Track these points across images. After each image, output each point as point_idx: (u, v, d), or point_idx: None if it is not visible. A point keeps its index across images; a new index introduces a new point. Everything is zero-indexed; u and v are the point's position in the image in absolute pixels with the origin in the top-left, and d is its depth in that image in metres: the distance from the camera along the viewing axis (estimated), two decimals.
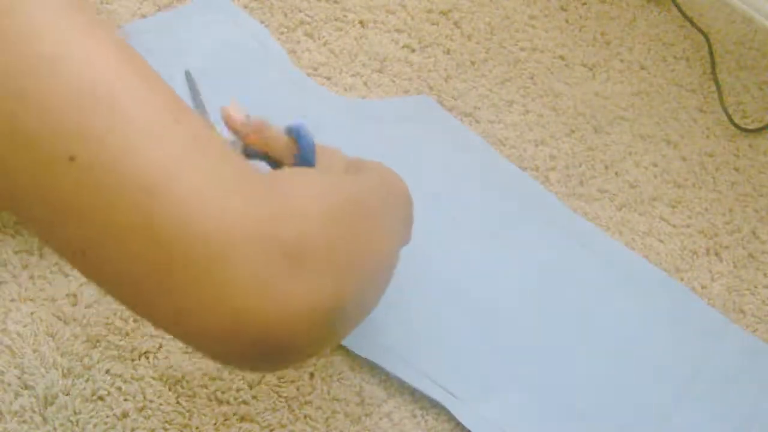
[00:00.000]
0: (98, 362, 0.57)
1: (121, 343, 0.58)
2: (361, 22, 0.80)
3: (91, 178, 0.29)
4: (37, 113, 0.28)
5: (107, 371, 0.57)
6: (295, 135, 0.51)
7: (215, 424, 0.57)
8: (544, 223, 0.72)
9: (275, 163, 0.53)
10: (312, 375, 0.60)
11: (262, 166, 0.53)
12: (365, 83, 0.77)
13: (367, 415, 0.60)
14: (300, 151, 0.51)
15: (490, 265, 0.68)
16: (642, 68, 0.86)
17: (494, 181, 0.73)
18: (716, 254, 0.75)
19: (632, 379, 0.65)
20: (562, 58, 0.84)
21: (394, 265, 0.44)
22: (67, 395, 0.55)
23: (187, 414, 0.57)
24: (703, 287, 0.72)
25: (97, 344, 0.58)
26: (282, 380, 0.59)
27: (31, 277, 0.59)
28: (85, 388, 0.56)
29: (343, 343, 0.61)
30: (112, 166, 0.29)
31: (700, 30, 0.89)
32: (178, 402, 0.57)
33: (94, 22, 0.31)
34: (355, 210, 0.38)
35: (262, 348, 0.31)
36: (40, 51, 0.29)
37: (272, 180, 0.34)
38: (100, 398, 0.56)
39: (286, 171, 0.43)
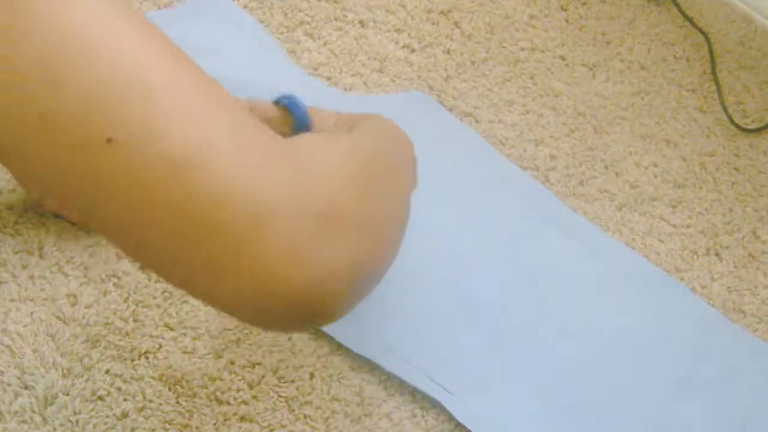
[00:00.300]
0: (98, 362, 0.57)
1: (121, 343, 0.58)
2: (361, 22, 0.80)
3: (128, 159, 0.29)
4: (74, 99, 0.29)
5: (107, 371, 0.57)
6: (288, 105, 0.52)
7: (215, 424, 0.57)
8: (541, 218, 0.72)
9: None
10: (312, 375, 0.60)
11: None
12: (365, 83, 0.77)
13: (367, 415, 0.60)
14: (295, 120, 0.52)
15: (486, 260, 0.68)
16: (642, 68, 0.86)
17: (490, 176, 0.73)
18: (716, 254, 0.75)
19: (629, 375, 0.65)
20: (562, 58, 0.84)
21: (408, 215, 0.45)
22: (67, 395, 0.55)
23: (187, 414, 0.57)
24: (703, 287, 0.72)
25: (97, 344, 0.58)
26: (282, 380, 0.59)
27: (31, 277, 0.59)
28: (85, 388, 0.56)
29: (341, 340, 0.61)
30: (148, 146, 0.29)
31: (700, 30, 0.89)
32: (178, 402, 0.57)
33: (125, 9, 0.32)
34: (372, 170, 0.39)
35: (298, 310, 0.32)
36: (75, 39, 0.29)
37: (295, 148, 0.36)
38: (100, 398, 0.56)
39: (304, 138, 0.44)
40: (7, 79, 0.29)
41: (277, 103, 0.53)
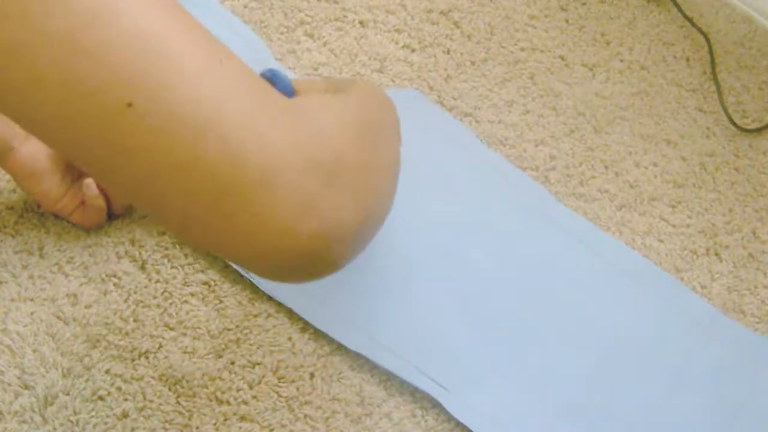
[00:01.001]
0: (98, 362, 0.57)
1: (121, 343, 0.58)
2: (361, 22, 0.80)
3: (147, 122, 0.31)
4: (94, 65, 0.30)
5: (107, 371, 0.57)
6: (270, 78, 0.52)
7: (215, 424, 0.57)
8: (534, 214, 0.72)
9: None
10: (312, 375, 0.60)
11: None
12: None
13: (367, 415, 0.60)
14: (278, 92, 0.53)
15: (480, 257, 0.68)
16: (642, 68, 0.86)
17: (482, 171, 0.73)
18: (716, 254, 0.75)
19: (623, 370, 0.65)
20: (562, 58, 0.84)
21: (399, 169, 0.47)
22: (67, 395, 0.55)
23: (187, 414, 0.57)
24: (703, 287, 0.72)
25: (97, 344, 0.58)
26: (282, 380, 0.59)
27: (31, 277, 0.59)
28: (85, 388, 0.56)
29: (336, 337, 0.61)
30: (167, 108, 0.31)
31: (700, 30, 0.89)
32: (178, 402, 0.57)
33: None
34: (367, 124, 0.41)
35: (308, 260, 0.35)
36: (93, 7, 0.30)
37: (298, 107, 0.37)
38: (100, 398, 0.56)
39: (302, 99, 0.47)
40: (29, 49, 0.30)
41: (261, 76, 0.54)
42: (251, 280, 0.61)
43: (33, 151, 0.57)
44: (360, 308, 0.63)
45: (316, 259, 0.35)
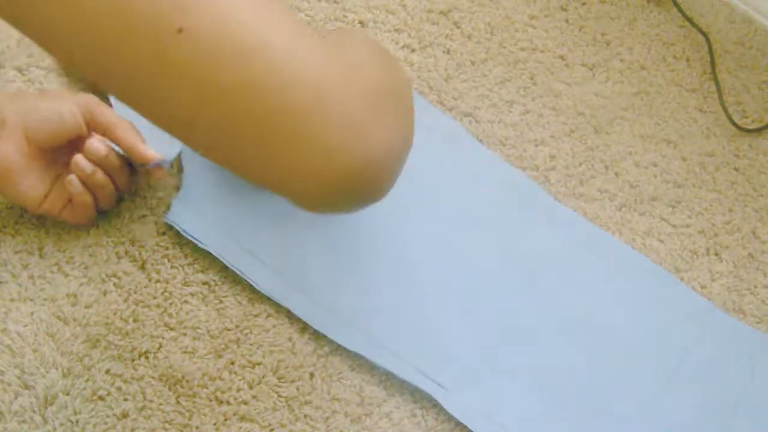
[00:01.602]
0: (98, 362, 0.57)
1: (121, 343, 0.58)
2: (361, 22, 0.80)
3: (198, 47, 0.32)
4: None
5: (107, 371, 0.57)
6: None
7: (215, 424, 0.57)
8: (525, 208, 0.72)
9: None
10: (312, 375, 0.60)
11: None
12: None
13: (367, 415, 0.60)
14: None
15: (473, 253, 0.68)
16: (642, 68, 0.86)
17: (475, 168, 0.73)
18: (716, 254, 0.75)
19: (618, 364, 0.66)
20: (562, 58, 0.84)
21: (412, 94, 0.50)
22: (67, 395, 0.55)
23: (187, 414, 0.57)
24: (703, 287, 0.72)
25: (97, 344, 0.58)
26: (282, 380, 0.59)
27: (31, 277, 0.59)
28: (85, 388, 0.56)
29: (332, 337, 0.61)
30: (217, 34, 0.32)
31: (700, 30, 0.89)
32: (178, 402, 0.57)
33: None
34: (388, 57, 0.43)
35: (356, 184, 0.36)
36: None
37: (335, 41, 0.39)
38: (100, 398, 0.56)
39: (335, 36, 0.48)
40: None
41: None
42: (249, 281, 0.61)
43: (4, 149, 0.55)
44: (357, 307, 0.63)
45: (363, 183, 0.36)
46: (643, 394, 0.65)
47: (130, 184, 0.62)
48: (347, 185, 0.36)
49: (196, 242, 0.61)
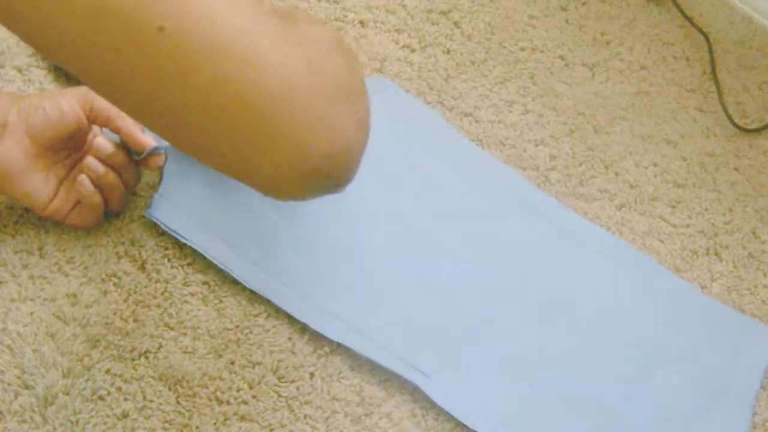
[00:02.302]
0: (98, 362, 0.57)
1: (121, 343, 0.58)
2: (361, 22, 0.80)
3: (178, 45, 0.33)
4: None
5: (107, 371, 0.57)
6: None
7: (215, 424, 0.57)
8: (510, 200, 0.72)
9: None
10: (312, 375, 0.60)
11: None
12: None
13: (367, 415, 0.60)
14: None
15: (458, 242, 0.68)
16: (642, 68, 0.86)
17: (456, 159, 0.73)
18: (716, 254, 0.75)
19: (604, 349, 0.66)
20: (562, 58, 0.84)
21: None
22: (67, 395, 0.55)
23: (187, 414, 0.57)
24: (703, 287, 0.72)
25: (97, 344, 0.58)
26: (282, 380, 0.59)
27: (31, 277, 0.59)
28: (85, 388, 0.56)
29: (315, 328, 0.61)
30: (196, 33, 0.33)
31: (700, 30, 0.89)
32: (178, 402, 0.57)
33: None
34: (348, 48, 0.44)
35: (321, 174, 0.37)
36: None
37: (299, 29, 0.40)
38: (100, 398, 0.56)
39: (299, 23, 0.48)
40: None
41: None
42: (243, 282, 0.61)
43: (7, 149, 0.54)
44: (339, 297, 0.63)
45: (330, 175, 0.38)
46: (629, 378, 0.65)
47: (138, 183, 0.62)
48: (313, 176, 0.37)
49: (177, 236, 0.61)
